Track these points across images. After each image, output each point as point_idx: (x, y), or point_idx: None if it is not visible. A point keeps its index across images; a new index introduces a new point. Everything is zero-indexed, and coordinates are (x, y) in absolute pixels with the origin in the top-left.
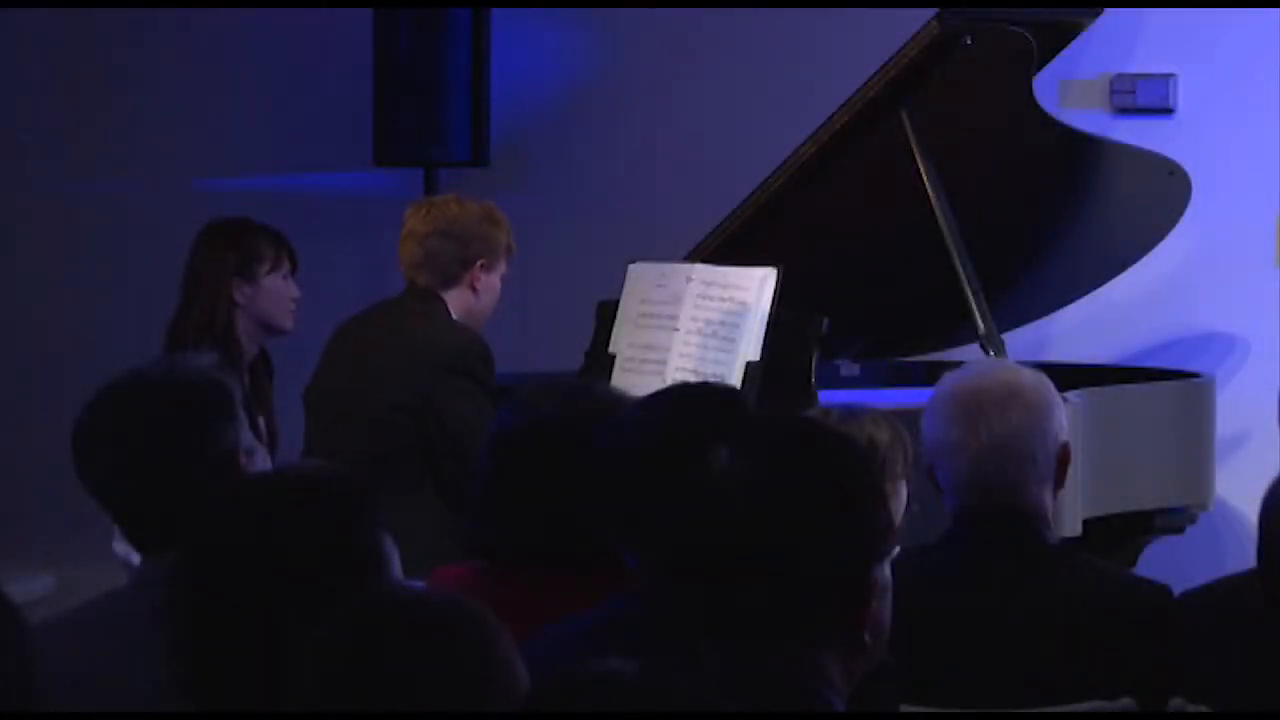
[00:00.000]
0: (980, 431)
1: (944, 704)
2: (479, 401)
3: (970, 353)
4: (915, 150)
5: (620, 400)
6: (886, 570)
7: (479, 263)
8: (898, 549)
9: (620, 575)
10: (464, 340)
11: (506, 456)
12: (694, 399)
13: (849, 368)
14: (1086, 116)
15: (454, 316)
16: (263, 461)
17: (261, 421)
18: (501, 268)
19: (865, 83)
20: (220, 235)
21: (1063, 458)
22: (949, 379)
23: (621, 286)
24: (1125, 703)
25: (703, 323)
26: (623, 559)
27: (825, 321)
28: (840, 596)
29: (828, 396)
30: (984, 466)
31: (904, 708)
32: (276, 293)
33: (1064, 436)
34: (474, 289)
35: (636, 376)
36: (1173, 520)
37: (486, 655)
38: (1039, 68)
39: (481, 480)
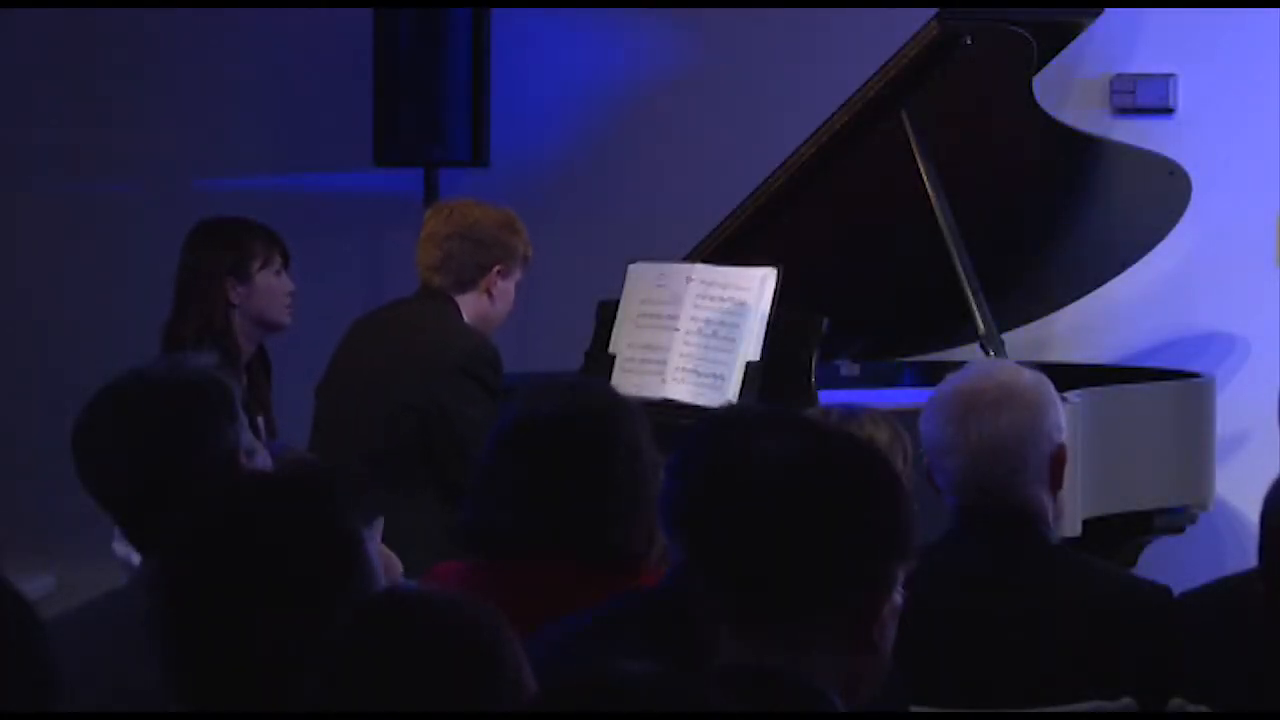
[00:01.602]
0: (970, 432)
1: (944, 704)
2: (486, 406)
3: (970, 353)
4: (915, 150)
5: (618, 397)
6: (898, 596)
7: (496, 268)
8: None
9: (616, 572)
10: (474, 344)
11: (504, 452)
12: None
13: (849, 368)
14: (1086, 116)
15: (466, 320)
16: (263, 461)
17: (260, 420)
18: (517, 275)
19: (865, 83)
20: (210, 236)
21: (1057, 459)
22: (950, 379)
23: (621, 286)
24: (1125, 703)
25: (703, 323)
26: (619, 555)
27: (825, 321)
28: (858, 591)
29: (828, 396)
30: (975, 467)
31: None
32: (271, 289)
33: (1059, 438)
34: (489, 294)
35: (636, 376)
36: (1173, 520)
37: (494, 657)
38: (1039, 68)
39: (479, 476)
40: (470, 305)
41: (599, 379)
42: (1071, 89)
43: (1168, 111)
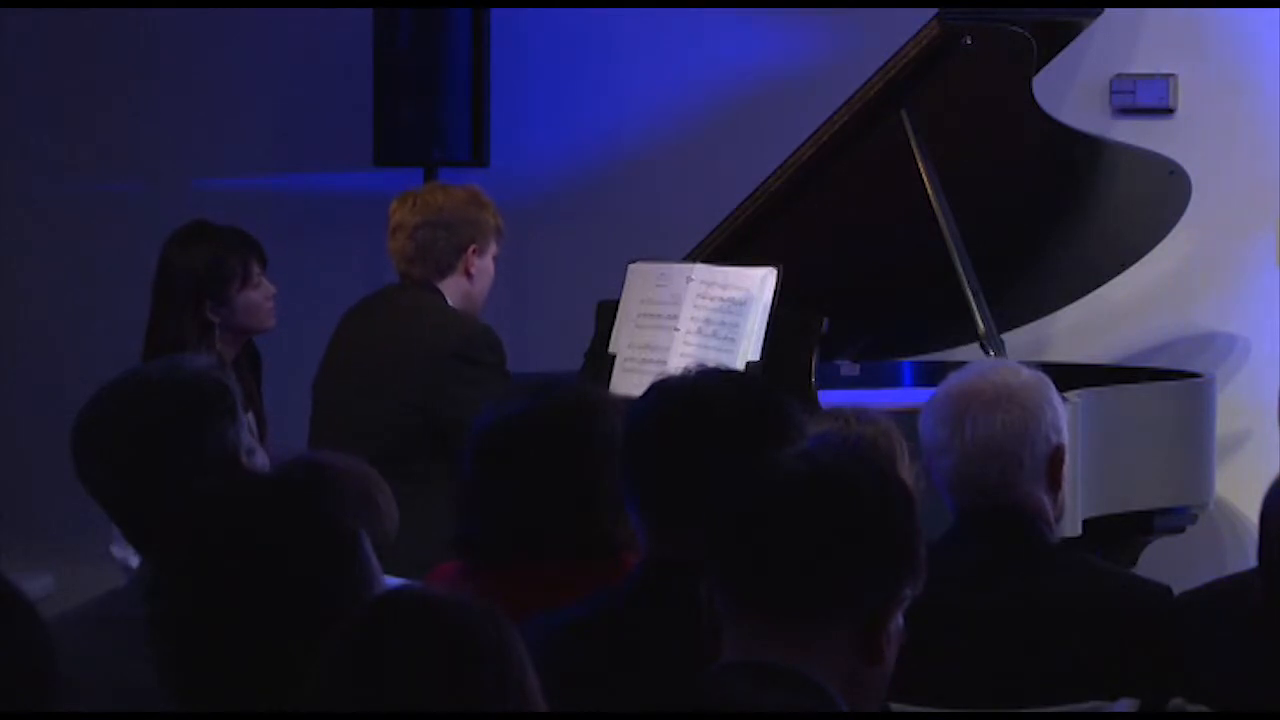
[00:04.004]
0: (964, 432)
1: (944, 703)
2: (490, 388)
3: (970, 353)
4: (915, 150)
5: (588, 390)
6: (900, 619)
7: (471, 248)
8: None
9: (612, 565)
10: (470, 329)
11: (482, 462)
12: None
13: (849, 368)
14: (1086, 116)
15: (452, 305)
16: (262, 461)
17: (250, 415)
18: (493, 249)
19: (865, 83)
20: (185, 254)
21: (1055, 460)
22: (949, 379)
23: (621, 286)
24: (1125, 703)
25: (703, 322)
26: (610, 546)
27: (825, 321)
28: (870, 600)
29: (828, 396)
30: (969, 467)
31: (904, 708)
32: (250, 304)
33: (1057, 439)
34: (469, 274)
35: (636, 376)
36: (1173, 520)
37: (498, 657)
38: (1039, 68)
39: (462, 490)
40: (452, 289)
41: (566, 375)
42: (1071, 89)
43: (1168, 111)
